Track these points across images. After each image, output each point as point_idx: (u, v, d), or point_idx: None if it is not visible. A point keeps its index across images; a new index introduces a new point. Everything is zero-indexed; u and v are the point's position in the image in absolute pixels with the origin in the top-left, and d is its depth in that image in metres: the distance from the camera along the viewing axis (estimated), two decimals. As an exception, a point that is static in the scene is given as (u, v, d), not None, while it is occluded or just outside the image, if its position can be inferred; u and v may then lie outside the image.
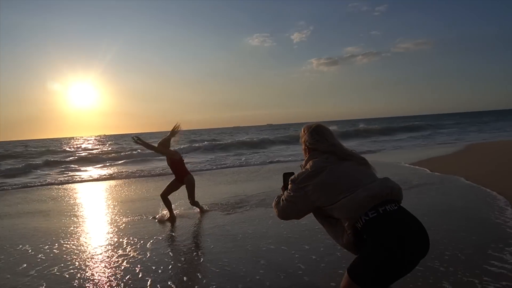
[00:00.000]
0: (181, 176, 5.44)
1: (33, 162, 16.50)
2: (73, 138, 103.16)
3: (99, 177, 11.64)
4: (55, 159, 18.41)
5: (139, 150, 18.84)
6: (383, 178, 1.93)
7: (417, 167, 9.05)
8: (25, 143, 53.17)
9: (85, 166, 15.53)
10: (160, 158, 13.56)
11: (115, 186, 9.23)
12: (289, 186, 2.00)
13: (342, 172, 1.90)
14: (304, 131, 2.13)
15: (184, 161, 5.63)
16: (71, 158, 18.74)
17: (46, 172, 13.48)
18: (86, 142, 51.03)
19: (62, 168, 14.95)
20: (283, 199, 2.04)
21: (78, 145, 39.89)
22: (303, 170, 1.99)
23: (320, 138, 2.04)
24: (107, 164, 16.40)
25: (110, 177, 11.26)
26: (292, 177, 2.02)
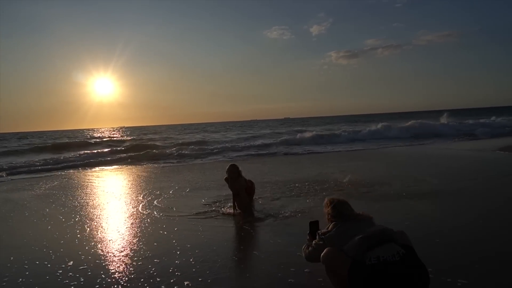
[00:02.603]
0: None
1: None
2: (93, 129, 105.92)
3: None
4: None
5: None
6: (378, 225, 2.67)
7: None
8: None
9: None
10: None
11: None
12: (316, 237, 2.80)
13: (347, 228, 2.65)
14: (328, 204, 2.91)
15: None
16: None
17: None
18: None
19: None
20: (312, 246, 2.85)
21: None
22: (326, 229, 2.78)
23: (337, 213, 2.80)
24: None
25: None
26: (319, 231, 2.81)
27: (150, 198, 7.12)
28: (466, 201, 5.71)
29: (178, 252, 4.04)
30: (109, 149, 20.50)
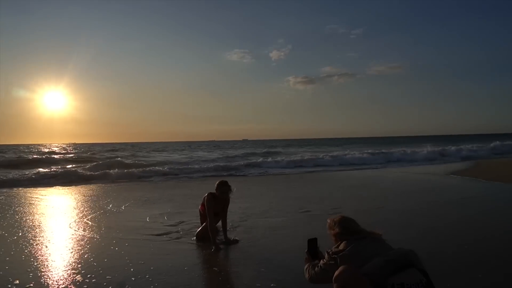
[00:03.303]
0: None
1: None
2: (41, 145, 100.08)
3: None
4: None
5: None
6: (398, 248, 2.48)
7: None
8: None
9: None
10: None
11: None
12: (325, 257, 2.59)
13: (363, 247, 2.47)
14: (332, 224, 2.73)
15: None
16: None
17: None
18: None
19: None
20: (319, 266, 2.63)
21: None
22: (336, 248, 2.57)
23: (348, 231, 2.62)
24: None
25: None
26: (329, 250, 2.59)
27: (95, 216, 6.92)
28: (408, 218, 6.13)
29: (131, 266, 4.01)
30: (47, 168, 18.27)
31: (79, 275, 3.82)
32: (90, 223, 6.32)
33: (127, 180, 14.03)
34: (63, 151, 42.71)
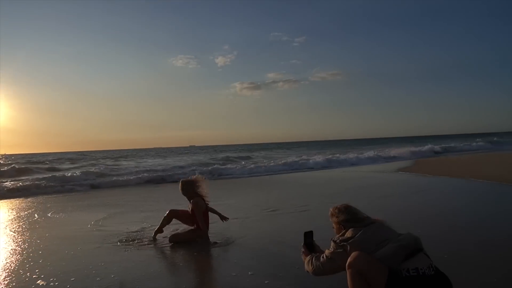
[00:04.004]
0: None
1: None
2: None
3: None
4: None
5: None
6: (406, 233, 2.49)
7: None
8: None
9: None
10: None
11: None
12: (331, 245, 2.54)
13: (373, 232, 2.46)
14: (336, 212, 2.69)
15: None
16: None
17: None
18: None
19: None
20: (324, 256, 2.55)
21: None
22: (342, 236, 2.53)
23: (354, 218, 2.60)
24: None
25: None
26: (334, 238, 2.55)
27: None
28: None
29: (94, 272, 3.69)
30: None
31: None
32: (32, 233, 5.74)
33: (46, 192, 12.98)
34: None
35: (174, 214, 5.27)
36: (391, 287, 2.21)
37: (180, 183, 5.23)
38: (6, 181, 13.90)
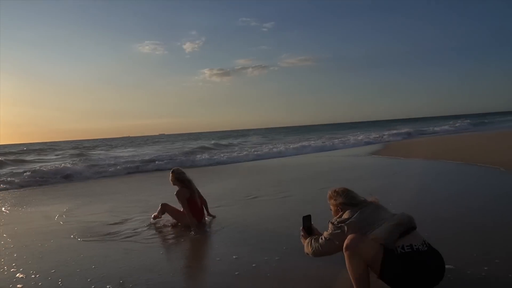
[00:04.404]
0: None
1: None
2: None
3: None
4: None
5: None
6: (400, 213, 2.63)
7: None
8: None
9: None
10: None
11: None
12: (329, 227, 2.67)
13: (369, 213, 2.60)
14: (335, 194, 2.84)
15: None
16: None
17: None
18: None
19: None
20: (322, 237, 2.68)
21: None
22: (340, 217, 2.67)
23: (351, 200, 2.75)
24: None
25: None
26: (332, 220, 2.68)
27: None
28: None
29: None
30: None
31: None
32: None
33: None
34: None
35: (164, 208, 5.29)
36: (387, 264, 2.33)
37: (170, 174, 5.24)
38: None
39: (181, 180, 5.16)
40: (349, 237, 2.45)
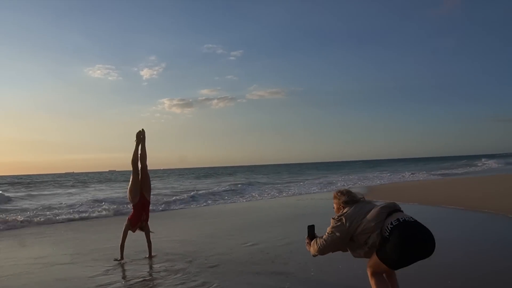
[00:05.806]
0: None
1: None
2: None
3: None
4: None
5: None
6: (387, 202, 3.13)
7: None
8: None
9: None
10: None
11: None
12: (331, 222, 3.09)
13: (361, 207, 3.10)
14: (339, 194, 3.26)
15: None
16: None
17: None
18: None
19: None
20: (326, 233, 3.09)
21: None
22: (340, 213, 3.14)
23: (352, 198, 3.20)
24: None
25: None
26: (333, 217, 3.10)
27: None
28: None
29: None
30: None
31: None
32: None
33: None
34: None
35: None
36: (382, 248, 2.82)
37: None
38: None
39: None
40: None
